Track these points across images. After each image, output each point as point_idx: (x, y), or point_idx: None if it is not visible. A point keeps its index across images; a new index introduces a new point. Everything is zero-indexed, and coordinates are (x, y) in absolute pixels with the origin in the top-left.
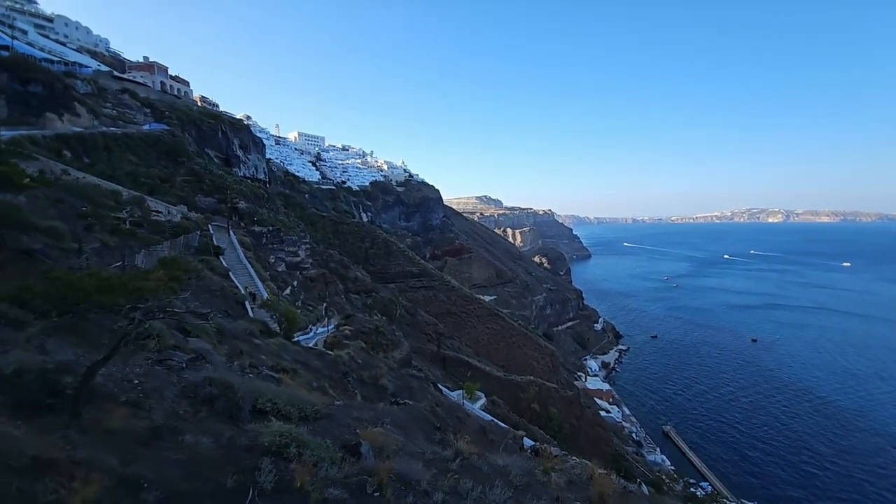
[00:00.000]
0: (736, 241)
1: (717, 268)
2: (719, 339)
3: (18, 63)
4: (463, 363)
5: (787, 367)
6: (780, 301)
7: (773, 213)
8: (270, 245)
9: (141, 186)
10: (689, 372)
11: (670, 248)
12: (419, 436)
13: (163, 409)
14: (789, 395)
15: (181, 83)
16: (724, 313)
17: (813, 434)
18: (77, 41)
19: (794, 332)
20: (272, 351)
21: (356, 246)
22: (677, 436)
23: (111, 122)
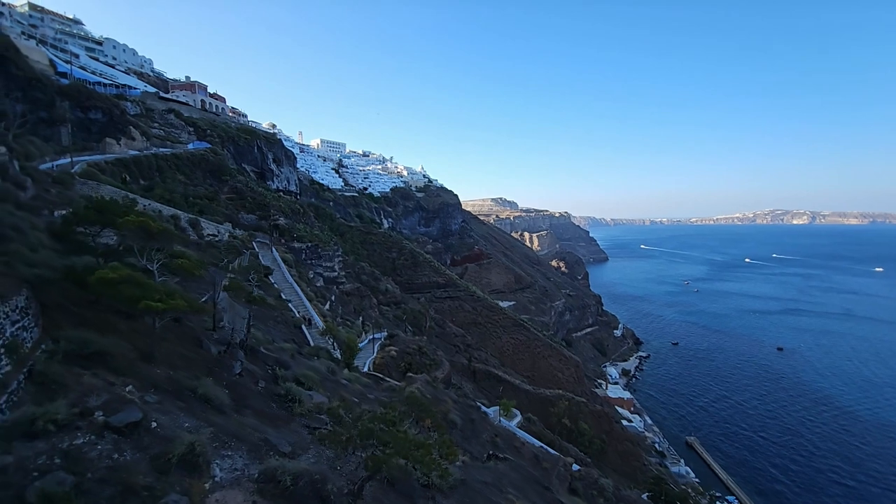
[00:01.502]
0: (758, 244)
1: (738, 272)
2: (743, 347)
3: (80, 91)
4: (493, 377)
5: (815, 378)
6: (804, 307)
7: (797, 215)
8: (309, 261)
9: (192, 207)
10: (712, 381)
11: (689, 251)
12: (534, 496)
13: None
14: (819, 409)
15: (218, 100)
16: (746, 320)
17: (844, 450)
18: (125, 63)
19: (821, 340)
20: (357, 391)
21: (384, 256)
22: (702, 447)
23: (160, 142)
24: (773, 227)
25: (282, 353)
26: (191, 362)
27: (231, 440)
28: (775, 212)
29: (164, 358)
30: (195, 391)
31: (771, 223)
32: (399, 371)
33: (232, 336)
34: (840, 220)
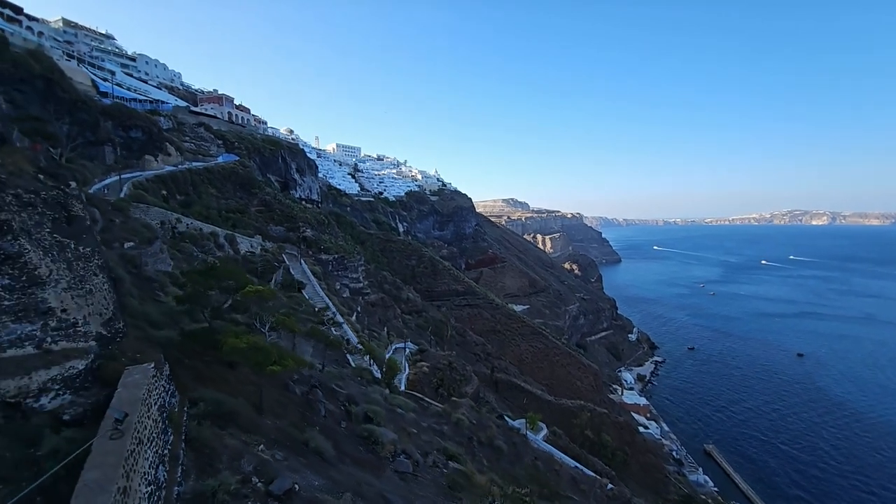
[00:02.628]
0: (775, 246)
1: (754, 274)
2: (761, 353)
3: (121, 111)
4: (515, 387)
5: (835, 384)
6: (823, 311)
7: (817, 215)
8: (335, 272)
9: (226, 221)
10: (730, 387)
11: (703, 252)
12: None
13: None
14: (840, 416)
15: (243, 111)
16: (764, 324)
17: (866, 458)
18: (156, 77)
19: (840, 345)
20: (411, 420)
21: (403, 264)
22: (720, 455)
23: (192, 156)
24: (791, 227)
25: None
26: (286, 407)
27: (357, 500)
28: (794, 212)
29: (269, 407)
30: (307, 444)
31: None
32: (431, 387)
33: (311, 378)
34: (861, 221)
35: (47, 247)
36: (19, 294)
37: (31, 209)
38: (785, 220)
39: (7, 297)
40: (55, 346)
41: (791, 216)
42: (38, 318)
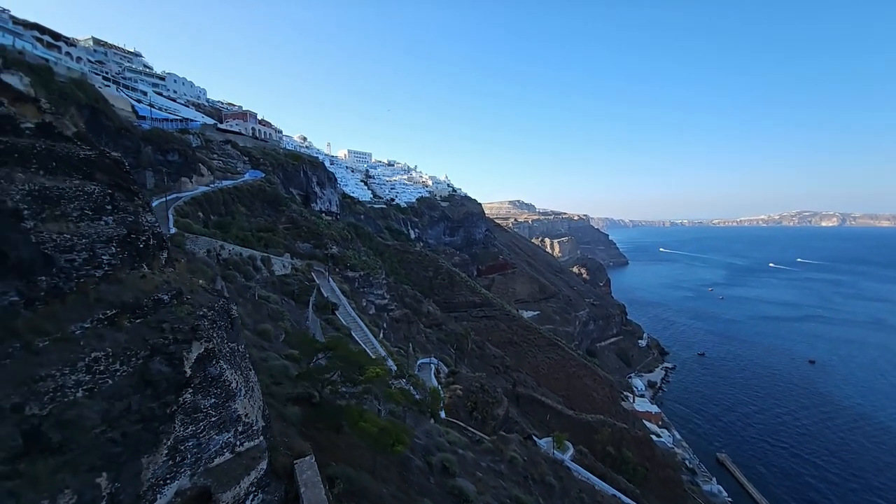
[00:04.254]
0: (783, 248)
1: (762, 277)
2: (772, 359)
3: (159, 136)
4: (536, 402)
5: (848, 392)
6: (833, 315)
7: (826, 217)
8: (361, 289)
9: (259, 241)
10: (741, 394)
11: (710, 255)
12: None
13: None
14: (853, 425)
15: (266, 126)
16: (773, 328)
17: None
18: (184, 95)
19: (852, 351)
20: (472, 462)
21: (420, 275)
22: (733, 464)
23: (221, 174)
24: (801, 229)
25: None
26: (388, 469)
27: None
28: (803, 213)
29: (379, 470)
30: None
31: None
32: (466, 410)
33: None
34: (871, 223)
35: (229, 358)
36: (221, 409)
37: (215, 325)
38: (794, 222)
39: (213, 414)
40: (242, 447)
41: (800, 217)
42: (231, 426)
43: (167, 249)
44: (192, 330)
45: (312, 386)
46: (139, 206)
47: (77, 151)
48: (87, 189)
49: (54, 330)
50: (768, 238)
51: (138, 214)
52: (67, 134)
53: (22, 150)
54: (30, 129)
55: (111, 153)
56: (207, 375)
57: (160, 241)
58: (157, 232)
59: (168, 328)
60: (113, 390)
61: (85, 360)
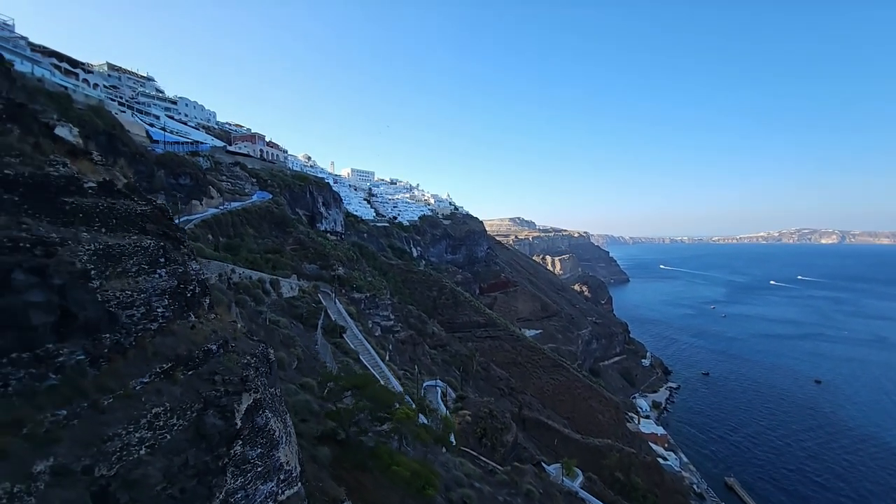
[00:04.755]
0: (783, 265)
1: (763, 295)
2: (777, 379)
3: (172, 159)
4: (543, 425)
5: (854, 412)
6: (836, 334)
7: (826, 234)
8: (367, 311)
9: (267, 263)
10: (748, 416)
11: (711, 272)
12: None
13: None
14: (861, 447)
15: (273, 147)
16: (776, 347)
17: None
18: (195, 118)
19: (856, 370)
20: (488, 496)
21: (424, 295)
22: (742, 489)
23: (230, 196)
24: (801, 246)
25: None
26: None
27: None
28: (802, 231)
29: None
30: None
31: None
32: (475, 437)
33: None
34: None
35: (272, 405)
36: (266, 459)
37: (259, 373)
38: (794, 239)
39: (259, 465)
40: (283, 496)
41: (800, 235)
42: (274, 475)
43: (209, 295)
44: (242, 381)
45: (340, 425)
46: (185, 254)
47: (134, 207)
48: (144, 244)
49: (118, 387)
50: (768, 255)
51: (186, 264)
52: (122, 189)
53: (87, 210)
54: (92, 189)
55: (158, 202)
56: (255, 426)
57: (204, 288)
58: (202, 279)
59: (219, 380)
60: (171, 446)
61: (147, 417)
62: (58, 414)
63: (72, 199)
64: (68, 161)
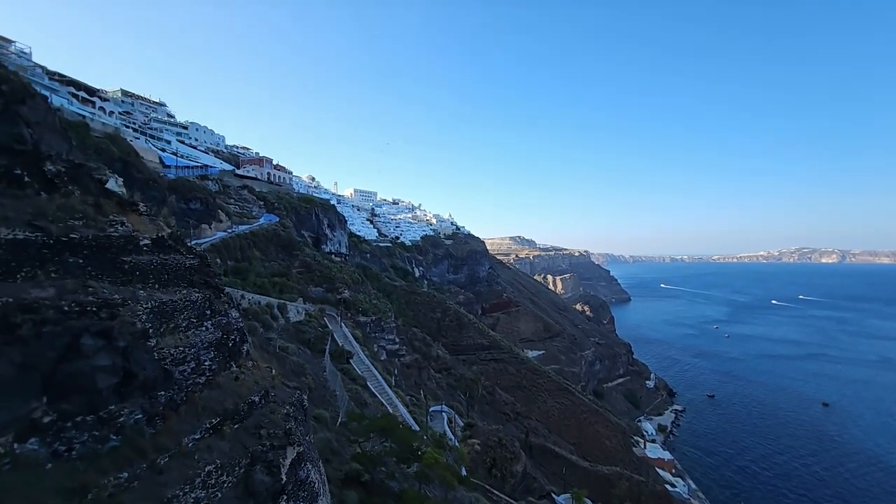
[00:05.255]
0: (784, 285)
1: (765, 314)
2: (784, 401)
3: (184, 185)
4: (550, 452)
5: (860, 435)
6: (841, 354)
7: (826, 253)
8: (373, 334)
9: (274, 287)
10: (756, 440)
11: (712, 291)
12: None
13: None
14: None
15: (280, 170)
16: (781, 368)
17: None
18: (205, 142)
19: (864, 392)
20: None
21: (429, 317)
22: None
23: (238, 219)
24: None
25: None
26: None
27: None
28: (802, 250)
29: None
30: None
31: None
32: (485, 467)
33: None
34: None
35: (310, 456)
36: None
37: (298, 422)
38: (794, 258)
39: None
40: None
41: (800, 254)
42: None
43: (247, 341)
44: (286, 434)
45: (365, 468)
46: (225, 303)
47: (183, 261)
48: (192, 297)
49: (173, 445)
50: (769, 274)
51: (228, 313)
52: (171, 242)
53: (143, 268)
54: (147, 246)
55: (198, 251)
56: (298, 479)
57: (243, 335)
58: (240, 326)
59: (265, 434)
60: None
61: (200, 476)
62: (120, 477)
63: (130, 258)
64: (125, 219)
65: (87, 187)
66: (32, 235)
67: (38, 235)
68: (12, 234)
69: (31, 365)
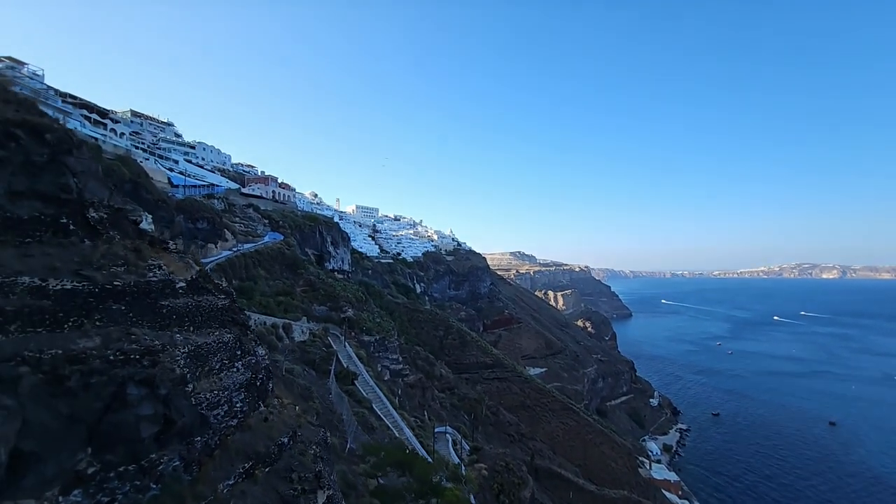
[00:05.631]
0: (785, 300)
1: (767, 331)
2: (790, 420)
3: (191, 205)
4: (556, 475)
5: (863, 455)
6: (843, 371)
7: (826, 269)
8: (377, 354)
9: (279, 306)
10: (762, 460)
11: (713, 307)
12: None
13: None
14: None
15: (285, 188)
16: (785, 386)
17: None
18: (211, 162)
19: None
20: None
21: (431, 335)
22: None
23: (243, 237)
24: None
25: None
26: None
27: None
28: (803, 265)
29: None
30: None
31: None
32: (493, 493)
33: None
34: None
35: (336, 498)
36: None
37: (325, 462)
38: (794, 274)
39: None
40: None
41: (800, 269)
42: None
43: (272, 378)
44: (316, 477)
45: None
46: (252, 340)
47: (215, 302)
48: (224, 339)
49: (209, 492)
50: (770, 290)
51: (255, 352)
52: (202, 282)
53: (179, 311)
54: (182, 289)
55: (225, 286)
56: None
57: (268, 373)
58: (266, 364)
59: (296, 477)
60: None
61: None
62: None
63: (167, 302)
64: (162, 262)
65: (125, 231)
66: (80, 285)
67: (84, 284)
68: (60, 284)
69: (78, 416)
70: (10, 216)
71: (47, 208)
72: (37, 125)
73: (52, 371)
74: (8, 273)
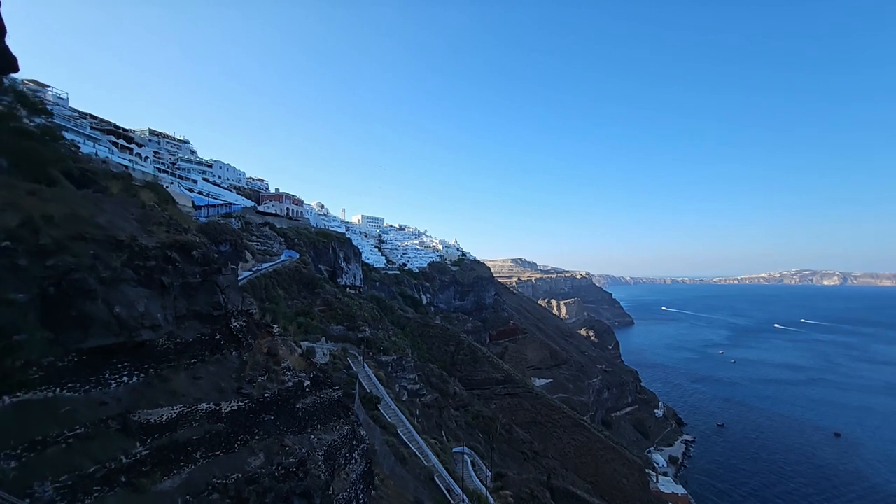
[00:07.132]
0: (786, 308)
1: (769, 338)
2: (795, 431)
3: (215, 228)
4: (571, 495)
5: (864, 466)
6: (846, 380)
7: (827, 276)
8: (394, 374)
9: (300, 327)
10: (769, 473)
11: (714, 314)
12: None
13: None
14: None
15: (297, 204)
16: (788, 395)
17: None
18: (227, 179)
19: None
20: None
21: (442, 350)
22: None
23: (261, 256)
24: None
25: None
26: None
27: None
28: (803, 272)
29: None
30: None
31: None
32: None
33: None
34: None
35: None
36: None
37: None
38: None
39: None
40: None
41: (801, 276)
42: None
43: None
44: None
45: None
46: (356, 422)
47: (332, 394)
48: (344, 431)
49: None
50: (770, 297)
51: (364, 439)
52: (325, 378)
53: (310, 411)
54: (309, 388)
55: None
56: None
57: (373, 454)
58: (370, 443)
59: None
60: None
61: None
62: None
63: (300, 404)
64: (289, 362)
65: (252, 330)
66: (243, 403)
67: (245, 402)
68: (230, 406)
69: None
70: (181, 341)
71: (204, 327)
72: (185, 244)
73: (237, 495)
74: (189, 402)
